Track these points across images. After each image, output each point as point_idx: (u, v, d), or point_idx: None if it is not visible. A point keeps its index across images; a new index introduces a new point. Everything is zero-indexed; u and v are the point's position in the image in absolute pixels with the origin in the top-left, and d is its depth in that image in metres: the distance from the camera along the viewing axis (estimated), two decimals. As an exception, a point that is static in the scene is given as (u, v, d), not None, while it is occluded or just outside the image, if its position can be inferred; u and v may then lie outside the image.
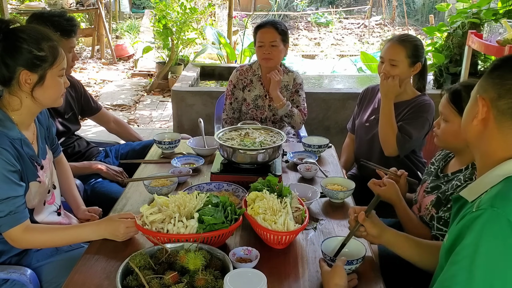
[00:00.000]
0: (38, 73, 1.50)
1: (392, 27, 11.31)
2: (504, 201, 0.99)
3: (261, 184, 1.67)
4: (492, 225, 0.97)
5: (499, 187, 1.04)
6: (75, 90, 2.43)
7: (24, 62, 1.47)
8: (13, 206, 1.45)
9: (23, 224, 1.48)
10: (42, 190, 1.64)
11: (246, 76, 2.78)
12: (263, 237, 1.51)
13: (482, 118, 1.11)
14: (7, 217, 1.44)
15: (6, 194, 1.44)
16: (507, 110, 1.07)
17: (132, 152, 2.56)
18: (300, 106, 2.77)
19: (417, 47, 2.23)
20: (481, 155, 1.15)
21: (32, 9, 6.55)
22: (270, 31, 2.59)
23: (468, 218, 1.02)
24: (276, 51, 2.60)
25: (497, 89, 1.09)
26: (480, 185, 1.10)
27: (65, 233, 1.56)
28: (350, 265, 1.35)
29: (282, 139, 2.00)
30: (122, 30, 9.38)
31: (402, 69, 2.21)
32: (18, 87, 1.50)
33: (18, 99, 1.52)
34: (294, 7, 12.72)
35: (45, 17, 2.11)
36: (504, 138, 1.09)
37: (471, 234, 0.98)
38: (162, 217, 1.46)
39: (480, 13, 3.81)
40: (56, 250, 1.67)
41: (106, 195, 2.18)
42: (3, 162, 1.44)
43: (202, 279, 1.20)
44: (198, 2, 7.41)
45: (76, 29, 2.20)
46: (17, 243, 1.51)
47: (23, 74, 1.47)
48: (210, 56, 7.26)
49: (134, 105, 5.81)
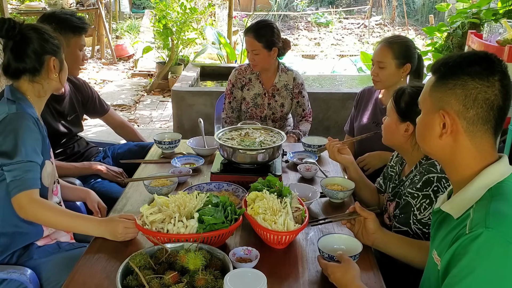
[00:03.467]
0: (59, 58, 1.67)
1: (392, 27, 11.30)
2: (498, 220, 0.97)
3: (261, 184, 1.67)
4: (489, 247, 0.95)
5: (486, 202, 1.03)
6: (81, 93, 2.43)
7: (50, 50, 1.64)
8: (27, 170, 1.49)
9: (32, 191, 1.50)
10: (52, 174, 1.70)
11: (245, 75, 2.79)
12: (263, 237, 1.51)
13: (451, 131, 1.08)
14: (19, 179, 1.48)
15: (26, 157, 1.50)
16: (477, 120, 1.06)
17: (129, 152, 2.56)
18: (305, 109, 2.81)
19: (406, 47, 2.23)
20: (455, 168, 1.12)
21: (32, 9, 6.55)
22: (250, 41, 2.61)
23: (463, 240, 1.00)
24: (258, 58, 2.62)
25: (462, 100, 1.06)
26: (464, 200, 1.08)
27: (70, 219, 1.56)
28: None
29: (282, 139, 2.00)
30: (122, 30, 9.38)
31: (389, 71, 2.23)
32: (45, 74, 1.64)
33: (41, 85, 1.65)
34: (294, 7, 12.72)
35: (56, 16, 2.17)
36: (477, 148, 1.08)
37: (468, 256, 0.96)
38: (162, 217, 1.46)
39: (480, 13, 3.80)
40: (57, 249, 1.68)
41: (106, 195, 2.18)
42: (32, 127, 1.55)
43: (202, 279, 1.20)
44: (198, 2, 7.41)
45: (87, 27, 2.27)
46: (23, 211, 1.51)
47: (51, 61, 1.64)
48: (210, 56, 7.26)
49: (134, 105, 5.81)
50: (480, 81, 1.05)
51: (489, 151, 1.09)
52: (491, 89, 1.05)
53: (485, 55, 1.08)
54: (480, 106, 1.05)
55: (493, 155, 1.10)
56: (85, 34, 2.27)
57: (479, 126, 1.06)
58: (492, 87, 1.05)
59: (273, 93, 2.77)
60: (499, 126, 1.09)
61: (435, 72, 1.13)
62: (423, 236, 1.54)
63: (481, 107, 1.05)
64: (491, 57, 1.08)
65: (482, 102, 1.05)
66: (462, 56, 1.10)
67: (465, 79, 1.06)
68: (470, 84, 1.05)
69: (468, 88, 1.05)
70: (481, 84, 1.05)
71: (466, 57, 1.09)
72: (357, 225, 1.52)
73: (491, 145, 1.10)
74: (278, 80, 2.75)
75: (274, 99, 2.77)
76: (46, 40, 1.63)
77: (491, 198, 1.03)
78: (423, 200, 1.54)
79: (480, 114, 1.05)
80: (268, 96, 2.76)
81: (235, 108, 2.84)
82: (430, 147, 1.16)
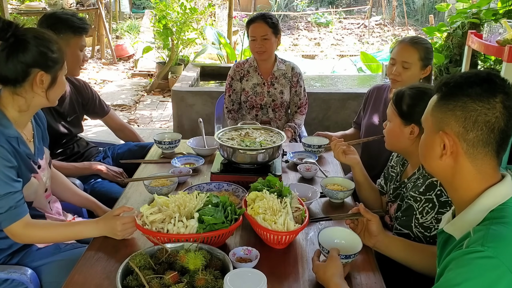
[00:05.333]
0: (51, 74, 1.54)
1: (392, 27, 11.30)
2: (495, 241, 0.96)
3: (261, 184, 1.67)
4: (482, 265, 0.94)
5: (487, 223, 1.01)
6: (81, 94, 2.43)
7: (40, 63, 1.51)
8: (13, 202, 1.46)
9: (23, 219, 1.49)
10: (40, 187, 1.66)
11: (243, 68, 2.86)
12: (263, 237, 1.51)
13: (451, 152, 1.07)
14: (7, 212, 1.46)
15: (5, 190, 1.45)
16: (478, 142, 1.04)
17: (129, 153, 2.56)
18: (302, 99, 2.87)
19: (429, 49, 2.21)
20: (456, 189, 1.11)
21: (32, 9, 6.55)
22: (261, 25, 2.66)
23: (459, 252, 0.99)
24: (268, 44, 2.69)
25: (462, 122, 1.03)
26: (465, 222, 1.07)
27: (66, 230, 1.57)
28: (347, 259, 1.36)
29: (282, 139, 2.00)
30: (122, 30, 9.39)
31: (414, 72, 2.18)
32: (29, 88, 1.52)
33: (24, 99, 1.53)
34: (294, 7, 12.72)
35: (57, 16, 2.17)
36: (478, 169, 1.06)
37: (461, 269, 0.95)
38: (162, 217, 1.46)
39: (480, 13, 3.80)
40: (57, 250, 1.68)
41: (106, 195, 2.18)
42: (2, 153, 1.45)
43: (202, 279, 1.20)
44: (198, 2, 7.41)
45: (88, 27, 2.27)
46: (19, 238, 1.52)
47: (38, 75, 1.51)
48: (210, 56, 7.26)
49: (134, 105, 5.81)
50: (480, 103, 1.02)
51: (490, 173, 1.07)
52: (491, 111, 1.02)
53: (486, 75, 1.05)
54: (480, 129, 1.03)
55: (495, 176, 1.08)
56: (85, 35, 2.27)
57: (480, 148, 1.04)
58: (493, 109, 1.02)
59: (272, 81, 2.82)
60: (502, 148, 1.06)
61: (437, 91, 1.11)
62: (424, 239, 1.53)
63: (481, 129, 1.03)
64: (493, 78, 1.04)
65: (483, 125, 1.02)
66: (463, 76, 1.07)
67: (465, 101, 1.03)
68: (470, 106, 1.03)
69: (468, 110, 1.03)
70: (481, 107, 1.02)
71: (467, 78, 1.06)
72: (360, 226, 1.52)
73: (493, 167, 1.07)
74: (276, 69, 2.81)
75: (273, 87, 2.82)
76: (42, 53, 1.50)
77: (492, 220, 1.02)
78: (426, 204, 1.53)
79: (480, 136, 1.03)
80: (267, 85, 2.82)
81: (235, 101, 2.90)
82: (431, 167, 1.15)
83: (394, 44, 2.35)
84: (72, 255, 1.63)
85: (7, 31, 1.46)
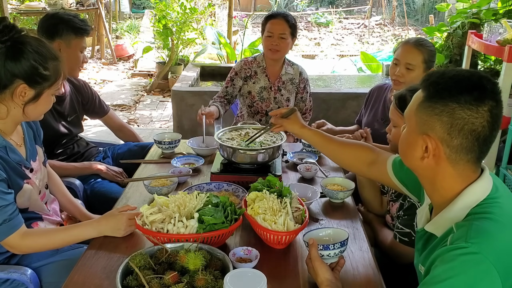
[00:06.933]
0: (36, 90, 1.48)
1: (392, 27, 11.31)
2: (479, 236, 0.96)
3: (261, 184, 1.67)
4: (468, 262, 0.94)
5: (469, 219, 1.02)
6: (81, 94, 2.43)
7: (26, 76, 1.44)
8: (6, 215, 1.43)
9: (19, 230, 1.47)
10: (34, 192, 1.63)
11: (251, 67, 2.78)
12: (263, 237, 1.51)
13: (433, 155, 1.06)
14: (1, 226, 1.43)
15: None
16: (461, 150, 1.03)
17: (129, 153, 2.56)
18: (307, 105, 2.84)
19: (432, 52, 2.20)
20: (436, 189, 1.11)
21: (32, 9, 6.55)
22: (280, 23, 2.60)
23: (444, 249, 0.99)
24: (284, 43, 2.63)
25: (447, 128, 1.01)
26: (446, 221, 1.07)
27: (65, 234, 1.56)
28: (326, 250, 1.33)
29: (282, 139, 2.00)
30: (122, 30, 9.39)
31: (417, 74, 2.16)
32: (9, 96, 1.46)
33: (6, 107, 1.48)
34: (294, 7, 12.73)
35: (59, 16, 2.16)
36: (459, 173, 1.06)
37: (446, 265, 0.95)
38: (162, 217, 1.46)
39: (480, 13, 3.80)
40: (57, 250, 1.67)
41: (106, 195, 2.18)
42: None
43: (202, 279, 1.20)
44: (198, 2, 7.41)
45: (89, 29, 2.26)
46: (18, 249, 1.51)
47: (21, 87, 1.45)
48: (210, 56, 7.26)
49: (134, 105, 5.81)
50: (468, 112, 0.99)
51: (471, 174, 1.07)
52: (479, 120, 1.00)
53: (478, 81, 1.02)
54: (466, 137, 1.01)
55: (474, 176, 1.07)
56: (87, 36, 2.27)
57: (462, 155, 1.04)
58: (481, 118, 1.00)
59: (279, 86, 2.78)
60: (484, 154, 1.06)
61: (424, 89, 1.07)
62: None
63: (467, 138, 1.01)
64: (484, 83, 1.01)
65: (468, 133, 1.01)
66: (454, 79, 1.03)
67: (453, 107, 1.00)
68: (458, 114, 1.00)
69: (455, 118, 1.00)
70: (469, 115, 0.99)
71: (458, 82, 1.02)
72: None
73: (474, 170, 1.07)
74: (284, 72, 2.77)
75: (280, 93, 2.78)
76: (33, 67, 1.44)
77: (474, 215, 1.02)
78: None
79: (465, 144, 1.02)
80: (274, 90, 2.77)
81: (230, 95, 2.77)
82: (411, 165, 1.15)
83: (397, 44, 2.34)
84: (72, 255, 1.63)
85: (4, 34, 1.43)
